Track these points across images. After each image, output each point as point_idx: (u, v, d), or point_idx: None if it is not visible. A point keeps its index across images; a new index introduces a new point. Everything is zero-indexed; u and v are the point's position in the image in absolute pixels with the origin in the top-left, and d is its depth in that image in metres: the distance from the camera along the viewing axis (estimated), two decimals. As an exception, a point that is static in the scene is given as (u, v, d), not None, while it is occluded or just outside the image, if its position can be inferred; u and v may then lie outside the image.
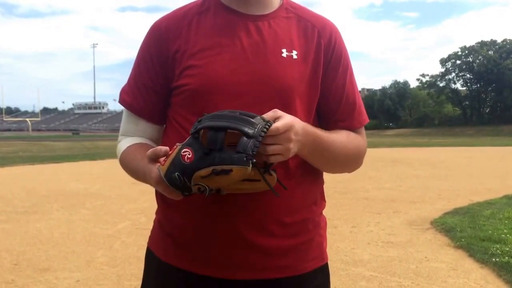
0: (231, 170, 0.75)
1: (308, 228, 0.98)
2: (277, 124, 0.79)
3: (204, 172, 0.76)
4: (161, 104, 1.00)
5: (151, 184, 0.89)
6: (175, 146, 0.80)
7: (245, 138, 0.75)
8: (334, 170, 1.03)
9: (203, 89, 0.92)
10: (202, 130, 0.78)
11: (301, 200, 0.96)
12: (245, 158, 0.74)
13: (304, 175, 0.96)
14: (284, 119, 0.81)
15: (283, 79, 0.93)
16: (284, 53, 0.95)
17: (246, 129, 0.75)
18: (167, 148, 0.83)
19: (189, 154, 0.76)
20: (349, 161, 1.02)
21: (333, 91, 0.99)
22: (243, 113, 0.79)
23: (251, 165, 0.75)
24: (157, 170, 0.81)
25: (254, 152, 0.75)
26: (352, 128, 1.02)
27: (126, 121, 1.05)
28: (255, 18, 0.97)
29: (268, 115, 0.81)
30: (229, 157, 0.75)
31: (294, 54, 0.96)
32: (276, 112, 0.82)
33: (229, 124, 0.76)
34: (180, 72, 0.95)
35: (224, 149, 0.76)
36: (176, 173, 0.77)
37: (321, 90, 0.98)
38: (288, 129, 0.81)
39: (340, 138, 0.97)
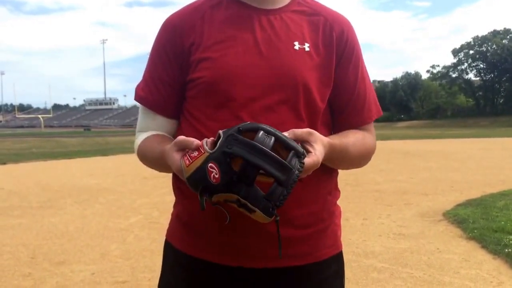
0: (254, 211, 0.75)
1: (324, 217, 0.99)
2: (309, 160, 0.80)
3: (227, 196, 0.76)
4: (177, 98, 1.01)
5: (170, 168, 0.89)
6: (201, 144, 0.79)
7: (276, 185, 0.74)
8: (344, 169, 1.04)
9: (218, 81, 0.93)
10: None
11: (317, 191, 0.97)
12: (271, 209, 0.74)
13: (319, 166, 0.97)
14: (317, 148, 0.82)
15: (297, 71, 0.94)
16: (297, 45, 0.95)
17: (280, 176, 0.73)
18: (198, 143, 0.81)
19: (216, 174, 0.75)
20: (360, 162, 1.04)
21: (344, 86, 1.00)
22: (281, 140, 0.76)
23: (274, 216, 0.76)
24: (179, 163, 0.82)
25: (282, 203, 0.75)
26: (362, 124, 1.03)
27: (143, 117, 1.05)
28: (267, 12, 0.98)
29: (303, 135, 0.82)
30: (256, 198, 0.74)
31: (306, 46, 0.96)
32: (310, 135, 0.83)
33: (265, 165, 0.73)
34: (195, 65, 0.96)
35: (253, 185, 0.75)
36: (199, 190, 0.77)
37: (333, 84, 0.99)
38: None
39: (352, 141, 0.98)
